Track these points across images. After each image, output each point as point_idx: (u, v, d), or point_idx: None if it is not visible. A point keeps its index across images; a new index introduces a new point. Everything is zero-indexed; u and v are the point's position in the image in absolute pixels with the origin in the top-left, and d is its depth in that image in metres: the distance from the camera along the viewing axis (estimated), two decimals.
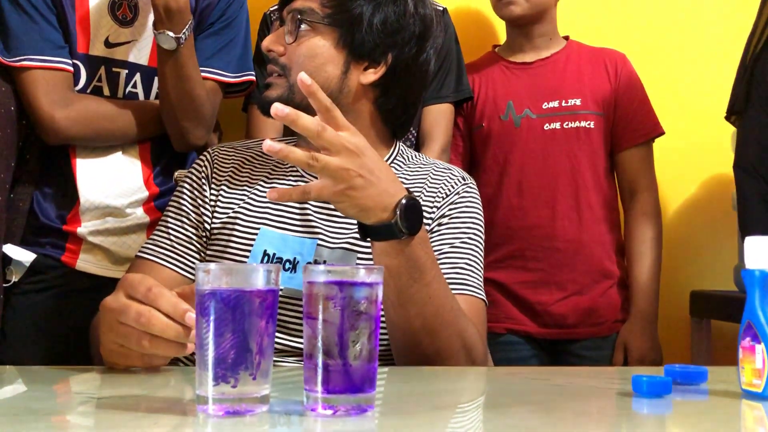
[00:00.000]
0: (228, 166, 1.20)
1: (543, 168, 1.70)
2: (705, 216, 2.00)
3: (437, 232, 1.13)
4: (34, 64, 1.35)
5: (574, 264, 1.68)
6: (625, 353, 1.67)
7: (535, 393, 0.85)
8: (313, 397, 0.68)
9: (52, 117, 1.35)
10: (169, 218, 1.17)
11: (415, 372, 0.95)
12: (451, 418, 0.75)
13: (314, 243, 1.11)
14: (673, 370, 0.87)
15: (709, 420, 0.75)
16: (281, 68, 1.13)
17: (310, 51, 1.12)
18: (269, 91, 1.14)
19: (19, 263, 1.38)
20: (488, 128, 1.75)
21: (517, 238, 1.70)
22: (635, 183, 1.76)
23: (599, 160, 1.73)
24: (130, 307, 0.81)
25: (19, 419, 0.67)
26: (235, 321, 0.67)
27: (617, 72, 1.77)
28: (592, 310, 1.68)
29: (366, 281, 0.70)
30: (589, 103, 1.72)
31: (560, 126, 1.71)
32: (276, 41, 1.14)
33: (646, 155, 1.78)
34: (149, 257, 1.14)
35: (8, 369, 1.02)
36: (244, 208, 1.15)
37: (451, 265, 1.10)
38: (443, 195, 1.16)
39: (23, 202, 1.41)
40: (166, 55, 1.35)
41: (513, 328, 1.70)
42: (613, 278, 1.72)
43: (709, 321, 1.94)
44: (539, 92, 1.74)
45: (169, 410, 0.70)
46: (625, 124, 1.75)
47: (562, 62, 1.78)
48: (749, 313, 0.80)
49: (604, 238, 1.72)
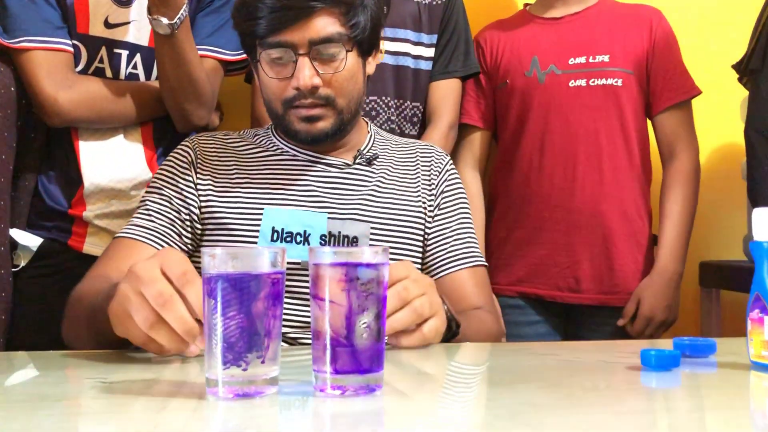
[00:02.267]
0: (211, 152, 1.21)
1: (565, 126, 1.65)
2: (715, 186, 1.98)
3: (442, 208, 1.23)
4: (34, 45, 1.34)
5: (592, 228, 1.63)
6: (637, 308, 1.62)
7: (543, 369, 0.85)
8: (322, 378, 0.68)
9: (55, 99, 1.34)
10: (150, 202, 1.17)
11: (423, 351, 0.95)
12: (459, 395, 0.75)
13: (324, 216, 1.13)
14: (682, 343, 0.87)
15: (718, 393, 0.75)
16: (324, 99, 1.12)
17: (350, 73, 1.13)
18: (322, 123, 1.14)
19: (25, 248, 1.39)
20: (512, 85, 1.70)
21: (536, 199, 1.66)
22: (674, 145, 1.69)
23: (628, 120, 1.66)
24: (155, 281, 0.76)
25: (31, 404, 0.68)
26: (243, 304, 0.67)
27: (652, 29, 1.68)
28: (606, 276, 1.64)
29: (372, 262, 0.70)
30: (619, 59, 1.65)
31: (586, 83, 1.65)
32: (315, 76, 1.10)
33: (685, 116, 1.70)
34: (132, 236, 1.13)
35: (19, 354, 1.03)
36: (242, 191, 1.16)
37: (461, 241, 1.22)
38: (437, 172, 1.25)
39: (28, 183, 1.41)
40: (162, 39, 1.34)
41: (525, 291, 1.68)
42: (634, 246, 1.66)
43: (719, 291, 1.93)
44: (566, 47, 1.68)
45: (179, 394, 0.70)
46: (662, 84, 1.67)
47: (593, 17, 1.71)
48: (758, 285, 0.80)
49: (628, 203, 1.65)
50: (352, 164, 1.20)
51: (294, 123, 1.14)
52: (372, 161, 1.21)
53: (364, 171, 1.20)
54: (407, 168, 1.24)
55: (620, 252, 1.65)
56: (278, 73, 1.12)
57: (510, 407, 0.66)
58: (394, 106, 1.62)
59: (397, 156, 1.25)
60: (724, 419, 0.65)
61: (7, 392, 0.76)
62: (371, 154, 1.22)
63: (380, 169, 1.21)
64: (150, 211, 1.16)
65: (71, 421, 0.64)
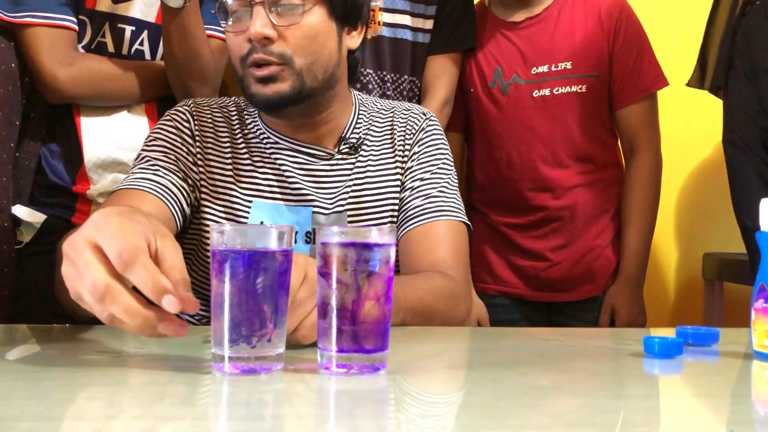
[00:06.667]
0: (208, 125, 1.15)
1: (532, 137, 1.65)
2: (719, 178, 1.97)
3: (413, 168, 1.16)
4: (38, 21, 1.33)
5: (566, 229, 1.66)
6: (612, 317, 1.66)
7: (546, 353, 0.86)
8: (327, 356, 0.69)
9: (55, 76, 1.34)
10: (154, 159, 1.09)
11: (427, 332, 0.95)
12: (463, 376, 0.75)
13: (309, 211, 1.11)
14: (685, 332, 0.87)
15: (720, 380, 0.75)
16: (279, 57, 1.04)
17: (311, 30, 1.04)
18: (277, 85, 1.04)
19: (29, 224, 1.38)
20: (476, 95, 1.70)
21: (509, 203, 1.69)
22: (634, 141, 1.68)
23: (595, 123, 1.66)
24: (87, 268, 0.63)
25: (35, 375, 0.68)
26: (250, 282, 0.67)
27: (613, 23, 1.63)
28: (584, 273, 1.67)
29: (379, 242, 0.70)
30: (581, 65, 1.63)
31: (550, 92, 1.64)
32: (269, 26, 1.02)
33: (647, 111, 1.67)
34: (140, 188, 1.05)
35: (21, 328, 1.03)
36: (235, 179, 1.13)
37: (424, 196, 1.14)
38: (411, 133, 1.18)
39: (29, 161, 1.40)
40: (170, 13, 1.34)
41: (505, 291, 1.71)
42: (607, 240, 1.68)
43: (722, 283, 1.94)
44: (528, 56, 1.66)
45: (186, 368, 0.71)
46: (622, 81, 1.65)
47: (553, 19, 1.66)
48: (763, 275, 0.80)
49: (599, 202, 1.68)
50: (335, 153, 1.14)
51: (251, 85, 1.05)
52: (357, 148, 1.15)
53: (347, 161, 1.15)
54: (386, 145, 1.18)
55: (594, 247, 1.68)
56: (234, 27, 1.05)
57: (513, 388, 0.67)
58: (390, 80, 1.60)
59: (378, 134, 1.18)
60: (725, 406, 0.66)
61: (9, 364, 0.76)
62: (355, 138, 1.16)
63: (364, 156, 1.16)
64: (156, 166, 1.08)
65: (73, 394, 0.64)
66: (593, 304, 1.68)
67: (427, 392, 0.68)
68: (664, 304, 2.00)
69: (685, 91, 1.76)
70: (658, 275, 1.94)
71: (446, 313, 1.02)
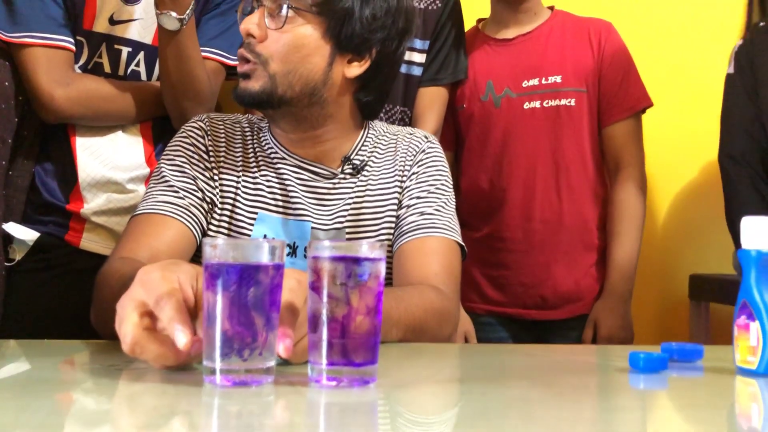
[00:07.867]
0: (222, 140, 1.18)
1: (522, 148, 1.69)
2: (705, 199, 2.01)
3: (411, 188, 1.18)
4: (36, 41, 1.35)
5: (553, 245, 1.68)
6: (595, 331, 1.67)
7: (534, 368, 0.87)
8: (317, 369, 0.69)
9: (51, 96, 1.35)
10: (172, 179, 1.12)
11: (417, 347, 0.96)
12: (452, 390, 0.76)
13: (308, 226, 1.14)
14: (670, 347, 0.89)
15: (704, 395, 0.77)
16: (256, 56, 1.08)
17: (296, 40, 1.08)
18: (250, 82, 1.09)
19: (21, 242, 1.39)
20: (469, 109, 1.74)
21: (496, 219, 1.71)
22: (619, 159, 1.72)
23: (583, 138, 1.70)
24: (122, 321, 0.71)
25: (26, 390, 0.69)
26: (242, 295, 0.68)
27: (601, 43, 1.72)
28: (571, 291, 1.68)
29: (369, 257, 0.71)
30: (571, 79, 1.69)
31: (540, 105, 1.69)
32: (258, 24, 1.08)
33: (632, 129, 1.73)
34: (161, 212, 1.08)
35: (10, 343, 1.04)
36: (242, 190, 1.16)
37: (419, 213, 1.16)
38: (412, 155, 1.21)
39: (22, 179, 1.41)
40: (167, 35, 1.35)
41: (492, 310, 1.72)
42: (594, 258, 1.71)
43: (708, 304, 1.96)
44: (519, 70, 1.71)
45: (177, 380, 0.71)
46: (609, 99, 1.71)
47: (544, 37, 1.74)
48: (745, 292, 0.81)
49: (586, 218, 1.70)
50: (338, 173, 1.17)
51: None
52: (360, 170, 1.18)
53: (349, 182, 1.18)
54: (387, 167, 1.20)
55: (581, 264, 1.70)
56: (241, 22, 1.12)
57: (502, 401, 0.68)
58: (382, 110, 1.63)
59: (381, 157, 1.21)
60: (707, 418, 0.67)
61: None
62: (359, 160, 1.19)
63: (366, 178, 1.19)
64: (176, 188, 1.12)
65: (66, 406, 0.65)
66: (580, 323, 1.69)
67: (416, 405, 0.69)
68: (650, 324, 2.01)
69: (671, 113, 1.80)
70: (644, 295, 1.95)
71: (436, 329, 1.03)
